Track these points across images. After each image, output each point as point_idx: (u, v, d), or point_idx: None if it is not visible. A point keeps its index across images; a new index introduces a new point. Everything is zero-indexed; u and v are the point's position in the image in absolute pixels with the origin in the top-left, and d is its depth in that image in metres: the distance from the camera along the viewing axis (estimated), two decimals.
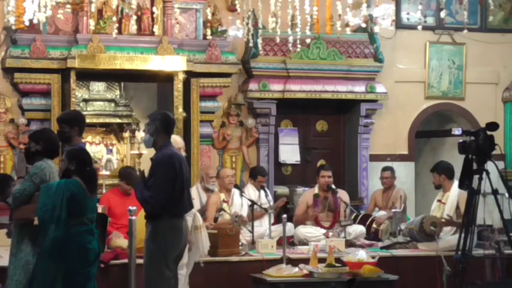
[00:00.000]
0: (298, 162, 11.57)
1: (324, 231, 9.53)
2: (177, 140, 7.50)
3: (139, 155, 11.23)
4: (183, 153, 7.50)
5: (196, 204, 8.93)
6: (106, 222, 7.57)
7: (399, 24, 11.84)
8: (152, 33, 10.35)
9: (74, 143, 6.49)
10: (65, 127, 6.53)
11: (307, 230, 9.55)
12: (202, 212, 9.30)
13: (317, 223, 9.70)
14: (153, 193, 6.21)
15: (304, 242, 9.34)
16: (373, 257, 8.16)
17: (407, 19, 11.65)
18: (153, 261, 6.28)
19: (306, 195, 10.03)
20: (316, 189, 9.86)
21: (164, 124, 6.42)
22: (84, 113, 11.24)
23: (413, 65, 12.19)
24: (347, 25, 9.04)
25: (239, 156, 11.20)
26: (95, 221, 6.13)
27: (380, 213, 10.31)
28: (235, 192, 9.48)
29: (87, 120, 11.19)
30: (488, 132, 7.29)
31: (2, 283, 6.72)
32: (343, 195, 9.80)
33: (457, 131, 7.72)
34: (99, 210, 7.49)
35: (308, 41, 10.86)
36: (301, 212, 9.83)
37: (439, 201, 9.38)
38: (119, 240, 8.29)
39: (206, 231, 8.01)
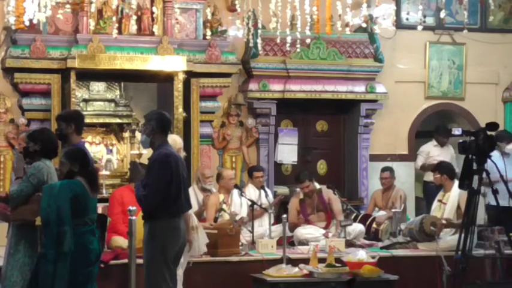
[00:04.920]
0: (295, 163, 11.54)
1: (323, 231, 9.52)
2: (176, 140, 7.49)
3: (140, 155, 11.21)
4: (183, 154, 7.49)
5: (194, 205, 8.92)
6: (106, 223, 7.56)
7: (399, 24, 11.82)
8: (152, 33, 10.34)
9: (73, 142, 6.47)
10: (61, 124, 6.53)
11: (307, 231, 9.53)
12: (200, 212, 9.29)
13: (312, 224, 9.69)
14: (147, 192, 6.21)
15: (303, 243, 9.32)
16: (373, 257, 8.16)
17: (407, 19, 11.65)
18: (153, 261, 6.28)
19: (293, 202, 9.93)
20: (301, 195, 9.83)
21: (160, 124, 6.40)
22: (84, 113, 11.24)
23: (413, 65, 12.18)
24: (347, 25, 9.04)
25: (239, 157, 11.18)
26: (95, 221, 6.14)
27: (380, 213, 10.31)
28: (234, 192, 9.48)
29: (87, 120, 11.35)
30: (488, 132, 7.29)
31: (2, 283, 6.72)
32: (328, 193, 9.78)
33: (457, 131, 7.70)
34: (99, 210, 7.48)
35: (308, 41, 10.86)
36: (293, 218, 9.74)
37: (440, 201, 9.37)
38: (119, 240, 8.28)
39: (203, 230, 8.00)
